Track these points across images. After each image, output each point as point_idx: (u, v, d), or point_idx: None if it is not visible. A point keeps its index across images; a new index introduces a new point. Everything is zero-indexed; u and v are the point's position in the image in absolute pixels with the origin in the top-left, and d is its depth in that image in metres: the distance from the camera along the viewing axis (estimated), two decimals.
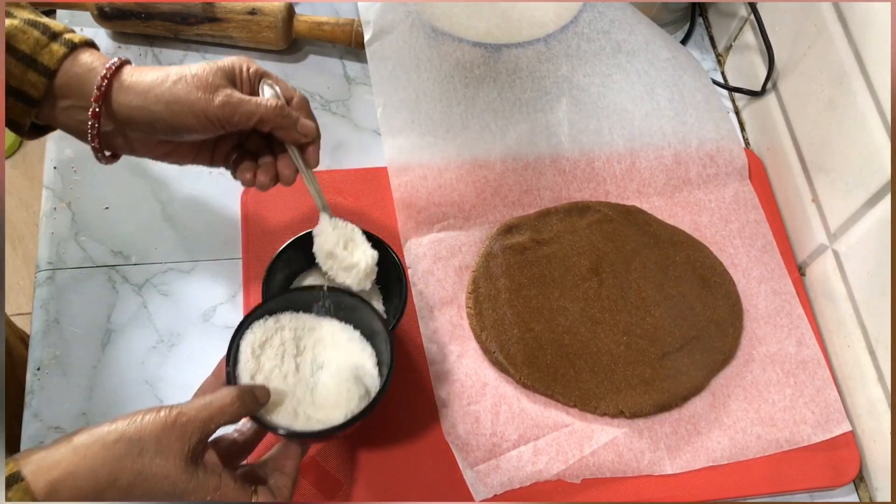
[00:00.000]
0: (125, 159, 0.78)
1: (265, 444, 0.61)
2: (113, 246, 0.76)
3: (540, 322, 0.72)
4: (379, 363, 0.62)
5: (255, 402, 0.55)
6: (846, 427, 0.72)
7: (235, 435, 0.58)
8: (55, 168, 0.79)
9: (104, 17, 0.84)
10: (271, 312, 0.62)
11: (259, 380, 0.59)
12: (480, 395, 0.70)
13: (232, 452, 0.58)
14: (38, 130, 0.65)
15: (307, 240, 0.67)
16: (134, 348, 0.71)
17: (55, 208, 0.77)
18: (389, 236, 0.72)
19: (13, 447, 0.66)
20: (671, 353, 0.72)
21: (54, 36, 0.60)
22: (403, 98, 0.78)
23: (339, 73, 0.88)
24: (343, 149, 0.83)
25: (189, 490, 0.51)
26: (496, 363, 0.71)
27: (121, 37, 0.87)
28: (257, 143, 0.66)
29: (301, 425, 0.58)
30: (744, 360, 0.74)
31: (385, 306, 0.70)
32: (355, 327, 0.63)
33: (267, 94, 0.63)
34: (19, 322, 0.99)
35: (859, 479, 0.72)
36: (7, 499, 0.47)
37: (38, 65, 0.59)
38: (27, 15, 0.60)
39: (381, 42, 0.78)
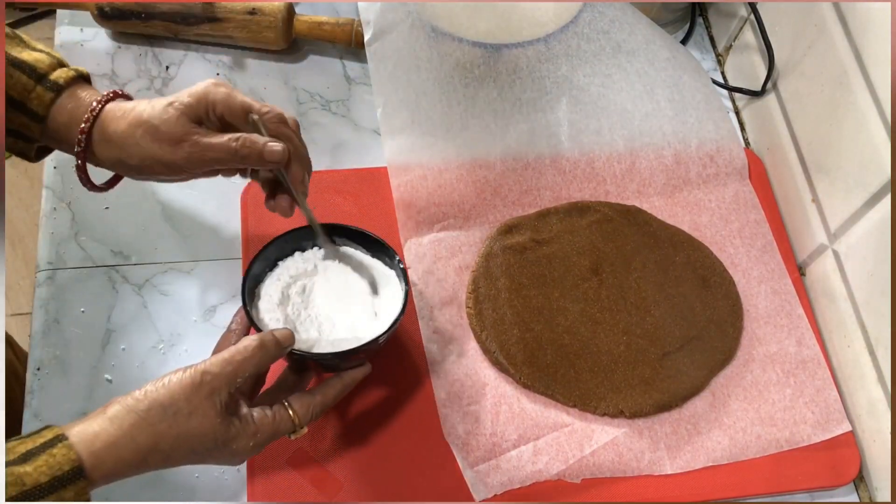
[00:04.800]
0: None
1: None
2: (113, 246, 0.76)
3: (540, 322, 0.72)
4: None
5: (278, 347, 0.57)
6: (846, 427, 0.72)
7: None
8: (55, 168, 0.79)
9: (104, 17, 0.84)
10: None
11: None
12: (480, 395, 0.70)
13: (254, 388, 0.61)
14: (46, 150, 0.66)
15: (290, 236, 0.68)
16: (134, 348, 0.71)
17: (55, 208, 0.77)
18: (389, 236, 0.72)
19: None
20: (671, 353, 0.72)
21: (40, 78, 0.60)
22: (403, 98, 0.78)
23: (339, 73, 0.88)
24: (343, 149, 0.83)
25: (230, 438, 0.54)
26: (496, 363, 0.71)
27: (121, 37, 0.87)
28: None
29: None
30: (744, 360, 0.74)
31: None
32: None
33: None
34: (19, 322, 0.99)
35: (859, 479, 0.72)
36: (51, 455, 0.48)
37: (28, 111, 0.60)
38: (11, 52, 0.60)
39: (381, 42, 0.78)
